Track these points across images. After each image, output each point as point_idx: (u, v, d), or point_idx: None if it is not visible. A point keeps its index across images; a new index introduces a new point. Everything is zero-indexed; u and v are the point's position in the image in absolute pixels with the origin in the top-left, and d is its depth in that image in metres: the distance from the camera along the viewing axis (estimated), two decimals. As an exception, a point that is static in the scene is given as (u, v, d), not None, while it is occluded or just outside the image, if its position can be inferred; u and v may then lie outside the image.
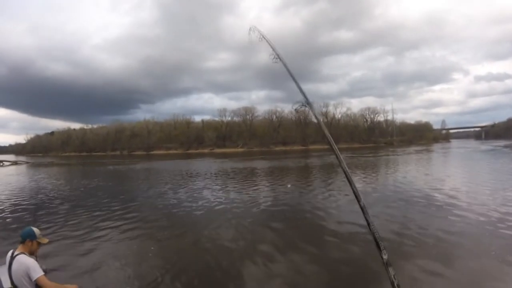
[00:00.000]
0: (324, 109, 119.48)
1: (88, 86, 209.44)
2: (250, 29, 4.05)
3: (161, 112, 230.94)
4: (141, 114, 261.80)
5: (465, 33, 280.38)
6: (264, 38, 3.91)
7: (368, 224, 2.67)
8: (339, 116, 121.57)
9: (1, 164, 59.63)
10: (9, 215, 13.82)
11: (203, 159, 57.49)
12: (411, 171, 23.74)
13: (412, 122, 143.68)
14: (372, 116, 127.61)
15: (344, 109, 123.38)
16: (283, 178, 23.00)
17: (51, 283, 3.80)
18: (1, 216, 13.67)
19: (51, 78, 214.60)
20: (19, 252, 3.84)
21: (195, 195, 17.00)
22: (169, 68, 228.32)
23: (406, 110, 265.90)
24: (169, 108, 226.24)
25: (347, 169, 2.93)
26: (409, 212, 10.99)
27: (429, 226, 9.20)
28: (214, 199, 15.54)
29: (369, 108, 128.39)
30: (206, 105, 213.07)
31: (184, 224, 11.51)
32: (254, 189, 18.17)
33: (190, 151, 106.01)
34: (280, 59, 3.51)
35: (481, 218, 9.71)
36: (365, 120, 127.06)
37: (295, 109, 3.27)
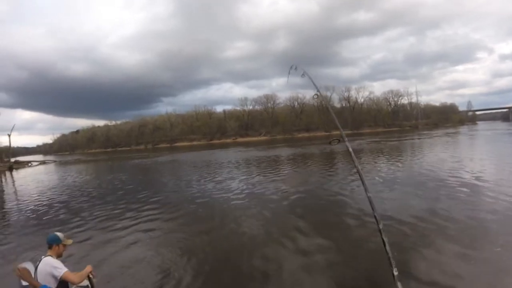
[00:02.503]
0: (346, 94, 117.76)
1: (109, 84, 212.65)
2: (291, 67, 4.11)
3: (182, 104, 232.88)
4: (163, 108, 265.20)
5: (487, 8, 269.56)
6: (307, 75, 3.93)
7: (379, 229, 2.63)
8: (362, 100, 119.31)
9: (30, 164, 61.30)
10: (39, 213, 14.23)
11: (226, 149, 57.71)
12: (438, 155, 22.97)
13: (437, 104, 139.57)
14: (395, 99, 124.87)
15: (366, 93, 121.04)
16: (307, 165, 22.90)
17: (74, 274, 4.08)
18: (32, 214, 14.10)
19: (72, 78, 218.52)
20: (47, 255, 4.15)
21: (220, 185, 17.14)
22: (188, 60, 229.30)
23: (430, 92, 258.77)
24: (190, 100, 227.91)
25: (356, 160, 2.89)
26: (434, 197, 10.82)
27: (456, 210, 9.07)
28: (239, 188, 15.63)
29: (392, 91, 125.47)
30: (227, 94, 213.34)
31: (211, 212, 11.61)
32: (279, 177, 18.16)
33: (213, 142, 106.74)
34: (320, 95, 3.56)
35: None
36: (388, 103, 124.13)
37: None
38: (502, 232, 7.22)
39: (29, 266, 5.03)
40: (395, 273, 2.62)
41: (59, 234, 4.36)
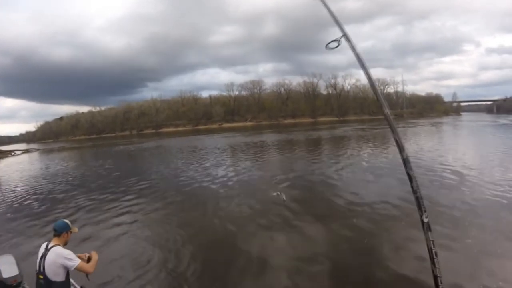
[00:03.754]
0: (332, 81, 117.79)
1: (94, 69, 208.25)
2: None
3: (168, 89, 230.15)
4: (148, 93, 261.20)
5: (477, 2, 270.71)
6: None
7: (410, 180, 2.52)
8: (348, 87, 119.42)
9: (13, 153, 60.16)
10: (23, 204, 13.96)
11: (212, 134, 57.58)
12: (423, 144, 23.17)
13: (423, 94, 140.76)
14: (381, 87, 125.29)
15: (353, 81, 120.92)
16: (293, 151, 22.92)
17: (87, 265, 3.96)
18: (15, 205, 13.82)
19: (56, 63, 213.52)
20: (54, 244, 3.90)
21: (206, 171, 17.12)
22: (174, 45, 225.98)
23: (416, 81, 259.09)
24: (175, 85, 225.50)
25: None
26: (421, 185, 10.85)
27: (441, 198, 9.19)
28: (226, 175, 15.70)
29: (378, 80, 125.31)
30: (213, 80, 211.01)
31: (198, 201, 11.57)
32: (265, 163, 18.15)
33: (198, 127, 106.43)
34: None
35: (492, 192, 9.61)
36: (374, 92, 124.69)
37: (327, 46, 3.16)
38: (480, 216, 7.62)
39: (9, 258, 4.85)
40: (425, 220, 2.53)
41: (67, 221, 4.14)
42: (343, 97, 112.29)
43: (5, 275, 4.45)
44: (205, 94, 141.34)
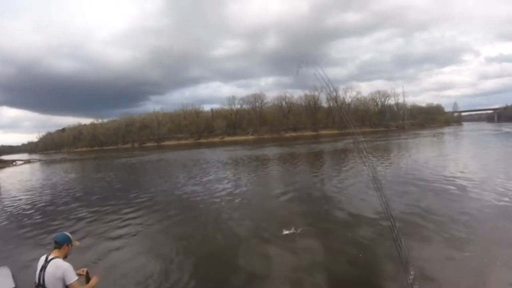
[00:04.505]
0: (333, 94, 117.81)
1: (97, 81, 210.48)
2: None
3: (170, 102, 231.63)
4: (151, 106, 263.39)
5: (475, 12, 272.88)
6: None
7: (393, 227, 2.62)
8: (349, 100, 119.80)
9: (14, 163, 60.38)
10: (23, 215, 14.04)
11: (214, 148, 57.68)
12: (424, 155, 23.40)
13: (423, 105, 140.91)
14: (382, 99, 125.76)
15: (354, 93, 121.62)
16: (295, 164, 23.00)
17: (82, 286, 3.93)
18: (15, 216, 13.90)
19: (60, 75, 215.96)
20: (54, 256, 3.91)
21: (208, 185, 17.16)
22: (177, 58, 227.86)
23: (417, 93, 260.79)
24: (178, 98, 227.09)
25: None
26: (422, 196, 11.02)
27: (443, 208, 9.25)
28: (227, 188, 15.75)
29: (379, 92, 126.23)
30: (215, 93, 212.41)
31: (199, 214, 11.62)
32: (267, 177, 18.22)
33: (200, 141, 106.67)
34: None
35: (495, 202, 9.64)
36: (375, 104, 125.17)
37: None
38: (483, 227, 7.68)
39: (5, 270, 4.95)
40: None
41: (68, 234, 4.15)
42: (344, 110, 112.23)
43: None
44: (207, 107, 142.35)
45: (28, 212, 14.49)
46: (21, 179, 30.18)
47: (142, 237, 9.59)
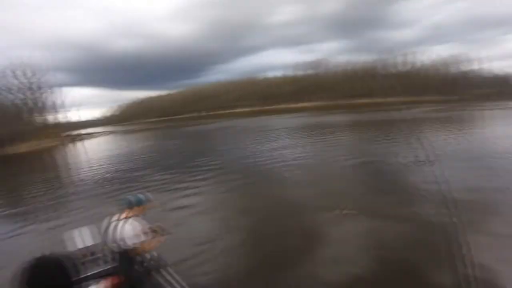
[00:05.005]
0: (402, 58, 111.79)
1: (162, 56, 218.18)
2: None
3: (234, 71, 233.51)
4: (215, 75, 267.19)
5: None
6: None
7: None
8: (419, 65, 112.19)
9: (91, 135, 64.92)
10: (100, 180, 15.34)
11: (279, 115, 57.72)
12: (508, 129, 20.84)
13: (502, 73, 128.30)
14: (455, 65, 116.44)
15: (424, 58, 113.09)
16: (362, 133, 22.69)
17: (147, 245, 4.32)
18: (93, 182, 15.22)
19: (125, 53, 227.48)
20: (126, 215, 4.29)
21: (275, 151, 17.50)
22: (236, 28, 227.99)
23: (495, 59, 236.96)
24: (241, 67, 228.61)
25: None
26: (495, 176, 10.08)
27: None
28: (294, 155, 15.92)
29: (451, 57, 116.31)
30: (278, 60, 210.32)
31: (267, 179, 12.07)
32: (334, 145, 18.20)
33: (265, 108, 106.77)
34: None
35: None
36: (447, 70, 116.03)
37: None
38: None
39: (85, 230, 5.62)
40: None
41: (142, 195, 4.46)
42: (413, 76, 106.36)
43: (81, 245, 5.15)
44: (271, 74, 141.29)
45: (105, 177, 15.92)
46: (97, 150, 32.47)
47: (209, 200, 10.23)
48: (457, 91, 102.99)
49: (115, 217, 4.31)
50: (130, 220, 4.19)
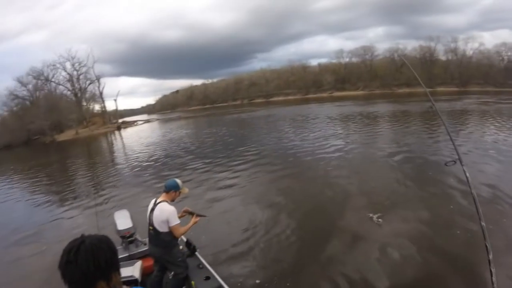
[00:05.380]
0: (452, 45, 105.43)
1: (204, 45, 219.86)
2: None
3: (276, 59, 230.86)
4: (257, 64, 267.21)
5: None
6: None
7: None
8: (471, 53, 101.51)
9: (135, 123, 67.87)
10: (143, 166, 15.71)
11: (322, 103, 57.15)
12: None
13: None
14: (509, 53, 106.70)
15: (475, 45, 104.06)
16: (408, 124, 21.98)
17: (182, 228, 4.46)
18: (137, 167, 15.61)
19: (168, 44, 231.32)
20: (162, 200, 4.46)
21: (316, 140, 17.33)
22: (279, 15, 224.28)
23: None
24: (284, 55, 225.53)
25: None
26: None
27: None
28: (336, 145, 15.76)
29: (505, 44, 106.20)
30: (321, 47, 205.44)
31: (306, 168, 12.01)
32: (376, 136, 17.81)
33: (308, 96, 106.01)
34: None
35: None
36: (500, 58, 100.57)
37: None
38: None
39: (125, 213, 5.87)
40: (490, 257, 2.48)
41: (178, 181, 4.61)
42: (464, 64, 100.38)
43: (120, 227, 5.50)
44: (314, 62, 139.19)
45: (147, 163, 16.39)
46: (141, 136, 33.64)
47: (249, 188, 10.32)
48: (511, 82, 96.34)
49: (152, 202, 4.54)
50: (165, 205, 4.37)
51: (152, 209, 4.44)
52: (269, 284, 5.41)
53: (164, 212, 4.30)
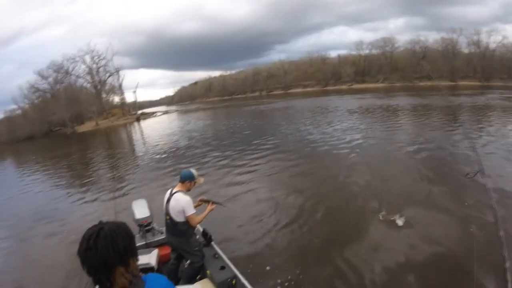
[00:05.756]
0: (475, 37, 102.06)
1: (222, 37, 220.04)
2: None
3: (295, 50, 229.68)
4: (276, 55, 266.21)
5: None
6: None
7: None
8: (494, 46, 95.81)
9: (154, 114, 69.26)
10: (162, 156, 15.84)
11: (341, 96, 56.62)
12: None
13: None
14: None
15: (499, 38, 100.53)
16: (429, 118, 21.56)
17: (198, 217, 4.53)
18: (155, 157, 15.76)
19: (186, 36, 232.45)
20: (177, 190, 4.54)
21: (336, 133, 17.32)
22: (298, 5, 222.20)
23: None
24: (302, 46, 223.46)
25: None
26: None
27: None
28: (355, 138, 15.65)
29: None
30: (341, 39, 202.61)
31: (324, 161, 11.92)
32: (397, 130, 17.56)
33: (327, 88, 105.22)
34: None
35: None
36: None
37: None
38: None
39: (142, 202, 6.00)
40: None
41: (193, 171, 4.68)
42: (487, 58, 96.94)
43: (138, 216, 5.68)
44: (333, 53, 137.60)
45: (165, 154, 16.62)
46: (160, 127, 33.93)
47: (266, 181, 10.32)
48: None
49: (168, 192, 4.63)
50: (180, 195, 4.47)
51: (168, 199, 4.52)
52: (281, 273, 5.52)
53: (180, 202, 4.39)
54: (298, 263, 5.75)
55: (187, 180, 4.59)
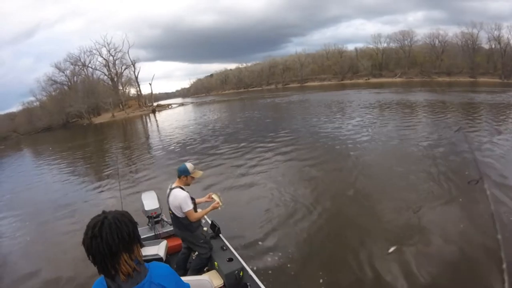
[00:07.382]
0: (496, 33, 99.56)
1: (238, 29, 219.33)
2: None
3: (312, 43, 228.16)
4: (292, 48, 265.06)
5: None
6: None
7: None
8: None
9: (170, 106, 70.32)
10: (177, 148, 15.95)
11: (358, 89, 56.18)
12: None
13: None
14: None
15: None
16: (447, 115, 21.18)
17: (196, 214, 4.56)
18: (170, 149, 15.86)
19: (202, 28, 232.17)
20: (175, 185, 4.59)
21: (351, 128, 17.16)
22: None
23: None
24: (319, 39, 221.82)
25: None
26: None
27: None
28: (371, 134, 15.48)
29: None
30: (358, 32, 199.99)
31: (339, 155, 11.83)
32: (414, 127, 17.30)
33: (344, 82, 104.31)
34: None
35: None
36: None
37: None
38: None
39: (152, 194, 6.14)
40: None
41: (188, 165, 4.67)
42: (508, 54, 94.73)
43: (147, 207, 5.76)
44: (350, 47, 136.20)
45: (179, 146, 16.71)
46: (175, 119, 34.19)
47: (279, 176, 10.29)
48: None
49: (169, 187, 4.71)
50: (178, 190, 4.53)
51: (168, 194, 4.61)
52: (285, 266, 5.64)
53: (177, 198, 4.46)
54: (310, 262, 5.77)
55: (183, 175, 4.62)
